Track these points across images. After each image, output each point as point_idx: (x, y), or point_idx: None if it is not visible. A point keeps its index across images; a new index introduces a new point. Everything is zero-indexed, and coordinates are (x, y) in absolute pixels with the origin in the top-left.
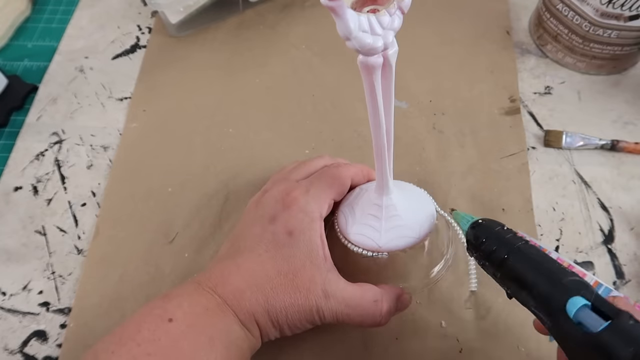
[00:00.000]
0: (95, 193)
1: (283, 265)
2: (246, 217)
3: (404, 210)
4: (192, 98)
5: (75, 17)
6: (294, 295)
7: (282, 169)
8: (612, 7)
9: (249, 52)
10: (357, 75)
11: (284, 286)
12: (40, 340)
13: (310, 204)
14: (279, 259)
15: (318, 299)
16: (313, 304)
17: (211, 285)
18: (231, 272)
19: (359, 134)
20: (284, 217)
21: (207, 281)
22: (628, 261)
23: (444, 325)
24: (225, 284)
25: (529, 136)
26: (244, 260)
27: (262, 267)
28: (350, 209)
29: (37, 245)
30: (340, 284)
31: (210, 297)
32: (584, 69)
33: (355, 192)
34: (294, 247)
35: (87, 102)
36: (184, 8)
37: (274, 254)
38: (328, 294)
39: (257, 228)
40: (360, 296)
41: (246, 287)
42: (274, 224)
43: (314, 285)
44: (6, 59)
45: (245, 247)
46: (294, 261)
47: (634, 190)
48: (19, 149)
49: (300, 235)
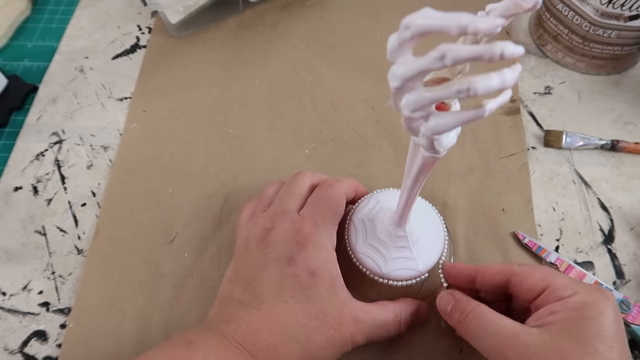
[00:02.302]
0: (95, 193)
1: (312, 307)
2: (251, 257)
3: (415, 242)
4: (192, 98)
5: (75, 17)
6: (328, 333)
7: (262, 195)
8: (612, 7)
9: (249, 52)
10: (357, 75)
11: (317, 328)
12: (40, 340)
13: (322, 238)
14: (307, 303)
15: (350, 328)
16: (347, 336)
17: (239, 340)
18: (259, 325)
19: (359, 134)
20: (302, 257)
21: (234, 334)
22: (628, 261)
23: (444, 325)
24: (255, 339)
25: (529, 136)
26: (270, 310)
27: (291, 315)
28: (362, 225)
29: (37, 245)
30: (365, 308)
31: (240, 353)
32: (584, 69)
33: (369, 204)
34: (318, 286)
35: (87, 102)
36: (184, 8)
37: (300, 299)
38: (358, 320)
39: (274, 273)
40: (384, 313)
41: (279, 341)
42: (293, 267)
43: (344, 318)
44: (6, 59)
45: (266, 294)
46: (320, 300)
47: (634, 190)
48: (19, 149)
49: (321, 273)
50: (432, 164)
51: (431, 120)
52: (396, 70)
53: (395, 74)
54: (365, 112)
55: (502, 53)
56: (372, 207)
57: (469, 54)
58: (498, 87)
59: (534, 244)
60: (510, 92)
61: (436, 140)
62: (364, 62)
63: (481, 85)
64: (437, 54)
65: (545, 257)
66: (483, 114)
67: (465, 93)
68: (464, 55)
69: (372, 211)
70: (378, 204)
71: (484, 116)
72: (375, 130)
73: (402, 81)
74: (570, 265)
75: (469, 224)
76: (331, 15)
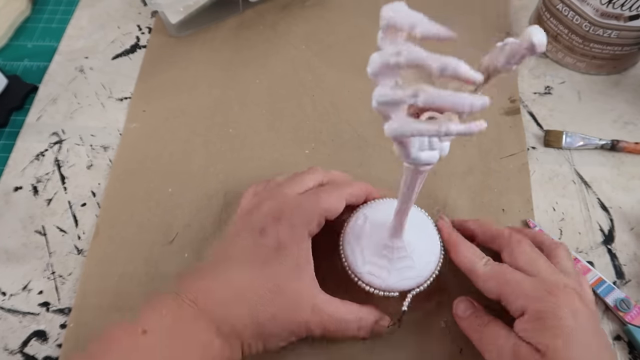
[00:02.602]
0: (95, 193)
1: (270, 279)
2: (237, 223)
3: (413, 250)
4: (192, 98)
5: (75, 17)
6: (281, 307)
7: (275, 178)
8: (612, 7)
9: (249, 52)
10: (357, 75)
11: (271, 299)
12: (40, 340)
13: (301, 219)
14: (268, 273)
15: (306, 314)
16: (302, 320)
17: (191, 297)
18: (216, 285)
19: (359, 134)
20: (274, 230)
21: (187, 292)
22: (628, 261)
23: (444, 326)
24: (207, 296)
25: (529, 136)
26: (230, 273)
27: (249, 280)
28: (358, 245)
29: (37, 245)
30: (327, 299)
31: (189, 308)
32: (584, 69)
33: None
34: (282, 261)
35: (87, 102)
36: (184, 8)
37: (261, 267)
38: (317, 308)
39: (246, 240)
40: (345, 312)
41: (231, 299)
42: (263, 237)
43: (303, 302)
44: (6, 59)
45: (233, 257)
46: (280, 276)
47: (634, 190)
48: (19, 149)
49: (288, 250)
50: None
51: (388, 124)
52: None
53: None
54: (365, 112)
55: (472, 106)
56: (363, 224)
57: (443, 102)
58: (465, 133)
59: None
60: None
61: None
62: (364, 62)
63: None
64: (411, 92)
65: None
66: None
67: (442, 133)
68: (439, 102)
69: (364, 228)
70: (367, 220)
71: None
72: (376, 130)
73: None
74: (575, 259)
75: None
76: (331, 15)
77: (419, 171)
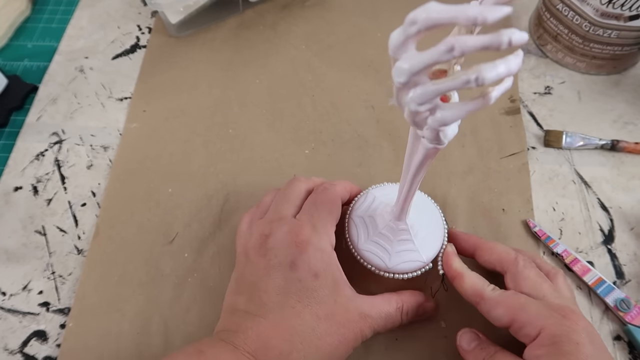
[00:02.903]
0: (95, 193)
1: (320, 309)
2: (252, 266)
3: (416, 234)
4: (192, 98)
5: (75, 17)
6: (339, 332)
7: (259, 204)
8: (612, 7)
9: (249, 52)
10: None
11: (328, 329)
12: (40, 340)
13: (322, 240)
14: (314, 305)
15: (359, 323)
16: (357, 331)
17: (250, 351)
18: (269, 334)
19: (359, 134)
20: (304, 260)
21: (244, 345)
22: (628, 261)
23: (444, 326)
24: (266, 348)
25: (529, 136)
26: (278, 318)
27: (300, 319)
28: (362, 223)
29: (37, 245)
30: (369, 301)
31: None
32: (584, 69)
33: (367, 201)
34: (323, 287)
35: (87, 102)
36: (184, 8)
37: (307, 302)
38: (364, 315)
39: (277, 279)
40: (388, 306)
41: (291, 347)
42: (296, 271)
43: (352, 314)
44: (6, 59)
45: (272, 301)
46: (327, 301)
47: (634, 190)
48: (19, 149)
49: (325, 274)
50: (434, 155)
51: (438, 113)
52: (402, 65)
53: (402, 69)
54: (365, 112)
55: (510, 40)
56: (370, 204)
57: (477, 45)
58: (505, 74)
59: (544, 234)
60: (511, 79)
61: (442, 131)
62: (364, 62)
63: (489, 74)
64: (446, 47)
65: (553, 247)
66: (489, 102)
67: (474, 83)
68: (472, 45)
69: (371, 207)
70: (375, 199)
71: (490, 104)
72: (375, 130)
73: (409, 76)
74: (576, 259)
75: (469, 224)
76: (331, 15)
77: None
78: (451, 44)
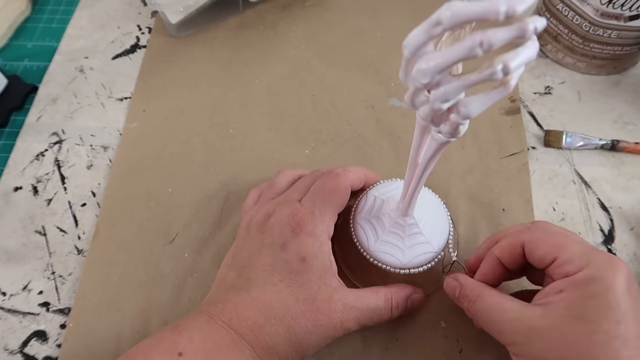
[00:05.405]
0: (95, 193)
1: (300, 292)
2: (249, 242)
3: (424, 226)
4: (192, 98)
5: (75, 17)
6: (316, 318)
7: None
8: (612, 7)
9: (249, 52)
10: (357, 75)
11: (304, 312)
12: (40, 340)
13: (318, 227)
14: (295, 287)
15: (340, 313)
16: (337, 321)
17: (225, 320)
18: (247, 306)
19: (359, 134)
20: (295, 244)
21: (220, 314)
22: (628, 261)
23: (444, 326)
24: (240, 318)
25: (529, 136)
26: (259, 292)
27: (279, 297)
28: (370, 225)
29: (37, 245)
30: (355, 293)
31: (225, 331)
32: (584, 69)
33: (368, 203)
34: (309, 272)
35: (87, 102)
36: (184, 8)
37: (289, 283)
38: (348, 306)
39: (267, 257)
40: (375, 299)
41: (264, 321)
42: (285, 252)
43: (334, 304)
44: (6, 59)
45: (257, 277)
46: (310, 286)
47: (634, 190)
48: (19, 149)
49: (313, 260)
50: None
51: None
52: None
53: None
54: (365, 112)
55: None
56: (372, 205)
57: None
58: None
59: None
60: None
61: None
62: (364, 62)
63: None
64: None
65: None
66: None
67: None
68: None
69: (374, 208)
70: (376, 199)
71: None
72: (375, 130)
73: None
74: None
75: (469, 224)
76: (331, 15)
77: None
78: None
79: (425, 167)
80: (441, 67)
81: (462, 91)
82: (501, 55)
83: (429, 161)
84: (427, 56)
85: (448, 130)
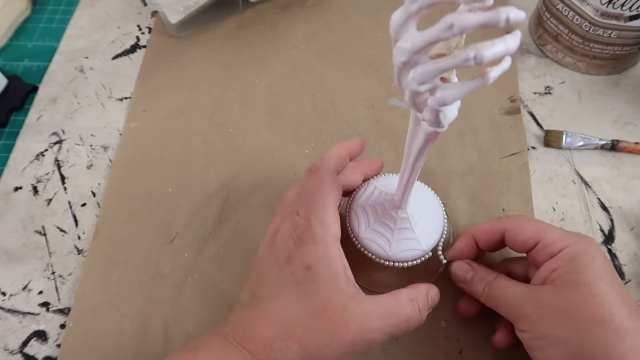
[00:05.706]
0: (95, 193)
1: (309, 302)
2: (261, 262)
3: (417, 223)
4: (192, 98)
5: (75, 17)
6: (330, 330)
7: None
8: (612, 7)
9: (249, 52)
10: (357, 75)
11: (316, 324)
12: (40, 340)
13: (318, 232)
14: (304, 298)
15: (358, 325)
16: (356, 332)
17: (239, 340)
18: (259, 322)
19: (359, 134)
20: (299, 254)
21: (234, 334)
22: (628, 261)
23: (444, 325)
24: (253, 336)
25: (529, 136)
26: (269, 308)
27: (288, 310)
28: (364, 211)
29: (37, 245)
30: (375, 300)
31: (239, 352)
32: (584, 69)
33: (368, 191)
34: (316, 280)
35: (87, 102)
36: (184, 8)
37: (297, 294)
38: (367, 314)
39: (274, 272)
40: (397, 303)
41: (275, 335)
42: (290, 264)
43: (350, 313)
44: (6, 59)
45: (267, 293)
46: (319, 294)
47: (634, 190)
48: (19, 149)
49: (318, 266)
50: (434, 139)
51: (438, 92)
52: (403, 44)
53: (403, 48)
54: (365, 112)
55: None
56: (371, 193)
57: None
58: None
59: None
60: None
61: (442, 112)
62: (364, 61)
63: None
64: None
65: None
66: (487, 81)
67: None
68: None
69: (372, 197)
70: (376, 189)
71: (488, 84)
72: (375, 130)
73: (410, 55)
74: None
75: (469, 224)
76: (331, 15)
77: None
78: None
79: (416, 158)
80: (417, 47)
81: (437, 75)
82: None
83: (419, 152)
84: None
85: (430, 118)
